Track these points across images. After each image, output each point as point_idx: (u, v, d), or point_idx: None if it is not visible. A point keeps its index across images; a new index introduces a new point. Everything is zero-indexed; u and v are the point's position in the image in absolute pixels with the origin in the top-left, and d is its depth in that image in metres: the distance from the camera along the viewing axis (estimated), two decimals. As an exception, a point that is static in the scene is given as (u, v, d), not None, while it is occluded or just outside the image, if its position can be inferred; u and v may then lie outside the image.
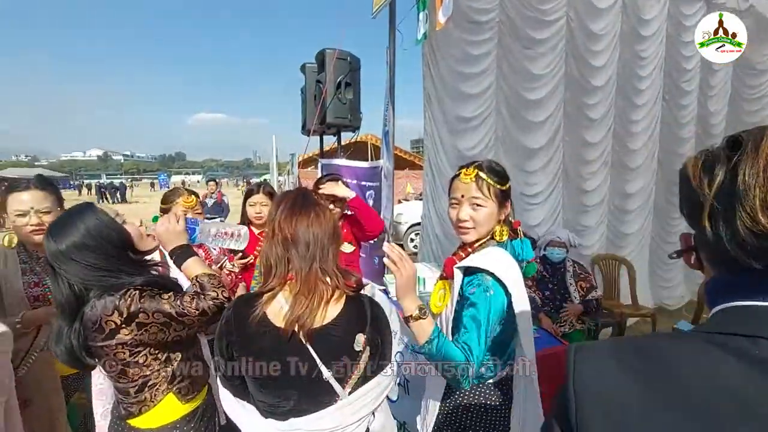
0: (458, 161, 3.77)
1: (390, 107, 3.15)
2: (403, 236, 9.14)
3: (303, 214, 1.12)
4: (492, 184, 1.36)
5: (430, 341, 1.19)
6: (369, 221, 2.54)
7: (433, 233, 3.71)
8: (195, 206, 2.29)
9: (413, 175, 14.99)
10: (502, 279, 1.27)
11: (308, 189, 1.27)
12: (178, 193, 2.30)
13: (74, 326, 1.17)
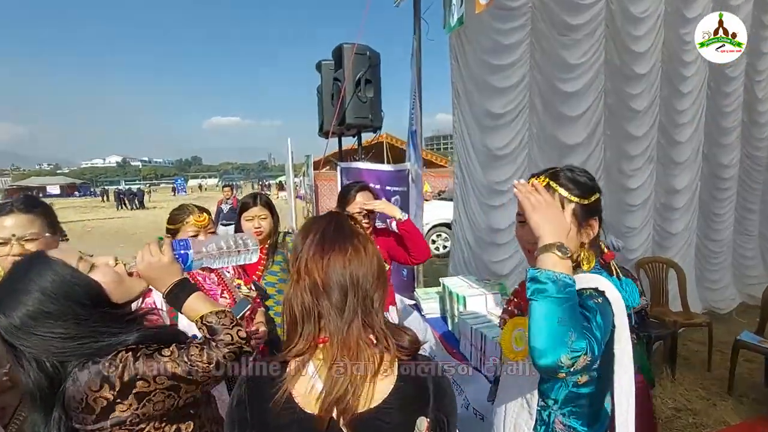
0: (489, 161, 3.52)
1: (417, 104, 2.90)
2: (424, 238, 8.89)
3: (338, 251, 0.87)
4: (568, 197, 1.09)
5: (559, 279, 0.91)
6: (417, 247, 2.28)
7: (464, 240, 3.45)
8: (208, 225, 2.03)
9: (431, 173, 14.68)
10: (610, 299, 1.02)
11: (342, 214, 1.00)
12: (187, 212, 2.00)
13: (53, 415, 0.91)
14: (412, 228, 2.26)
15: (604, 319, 0.97)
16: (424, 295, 2.79)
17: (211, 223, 2.10)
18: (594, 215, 1.12)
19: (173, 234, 2.03)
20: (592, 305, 0.98)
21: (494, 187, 3.54)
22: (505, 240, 3.59)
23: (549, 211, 1.01)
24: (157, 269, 1.06)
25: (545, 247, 0.96)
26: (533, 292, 0.92)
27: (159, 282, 1.07)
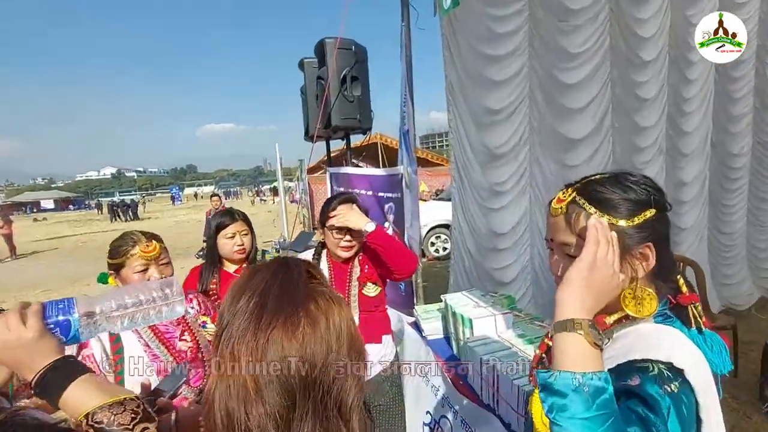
0: (488, 160, 3.21)
1: (408, 101, 2.59)
2: (422, 240, 8.51)
3: (283, 326, 0.57)
4: (599, 214, 0.80)
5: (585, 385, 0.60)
6: (397, 260, 1.92)
7: (464, 247, 3.15)
8: (159, 256, 1.67)
9: (427, 172, 14.31)
10: (694, 384, 0.69)
11: (296, 263, 0.68)
12: (131, 241, 1.64)
13: None
14: (385, 239, 1.90)
15: (683, 425, 0.64)
16: (425, 313, 2.49)
17: (163, 252, 1.75)
18: (650, 239, 0.80)
19: (116, 270, 1.69)
20: (660, 399, 0.64)
21: (494, 189, 3.25)
22: (506, 245, 3.30)
23: (601, 274, 0.71)
24: (17, 349, 0.71)
25: (568, 324, 0.66)
26: (550, 407, 0.62)
27: (22, 367, 0.72)
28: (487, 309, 2.05)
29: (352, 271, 2.07)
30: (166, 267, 1.73)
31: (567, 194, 0.85)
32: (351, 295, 2.03)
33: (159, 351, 1.68)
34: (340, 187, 4.01)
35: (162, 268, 1.71)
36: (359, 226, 1.88)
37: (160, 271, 1.69)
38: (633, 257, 0.79)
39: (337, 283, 2.05)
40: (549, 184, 3.33)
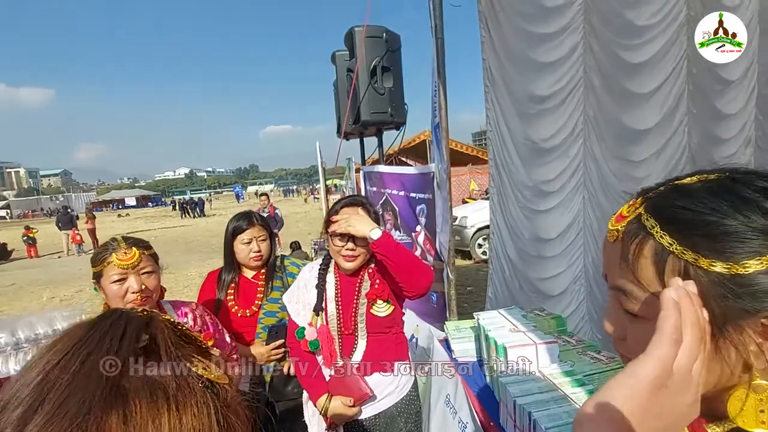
0: (533, 156, 2.75)
1: (440, 89, 2.22)
2: (469, 242, 7.99)
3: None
4: (678, 249, 0.44)
5: None
6: (407, 275, 1.58)
7: (504, 254, 2.72)
8: (138, 265, 1.46)
9: (477, 170, 13.61)
10: None
11: (131, 321, 0.38)
12: (110, 248, 1.46)
13: None
14: (391, 249, 1.55)
15: None
16: (456, 331, 2.10)
17: (147, 260, 1.52)
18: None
19: (98, 279, 1.49)
20: None
21: (540, 188, 2.78)
22: (554, 252, 2.82)
23: (673, 400, 0.39)
24: None
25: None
26: None
27: None
28: (528, 335, 1.64)
29: (361, 285, 1.74)
30: (149, 277, 1.50)
31: (632, 208, 0.48)
32: (358, 314, 1.71)
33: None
34: (373, 186, 3.70)
35: (144, 277, 1.48)
36: (363, 232, 1.56)
37: (140, 281, 1.46)
38: (746, 333, 0.41)
39: (343, 299, 1.74)
40: (607, 183, 2.81)
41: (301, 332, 1.73)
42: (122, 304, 1.44)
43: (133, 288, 1.44)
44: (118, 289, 1.43)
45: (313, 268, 1.83)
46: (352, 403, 1.61)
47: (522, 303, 2.51)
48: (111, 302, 1.46)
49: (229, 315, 2.01)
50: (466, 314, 2.56)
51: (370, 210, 1.73)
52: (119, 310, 0.43)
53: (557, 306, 2.54)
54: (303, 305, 1.77)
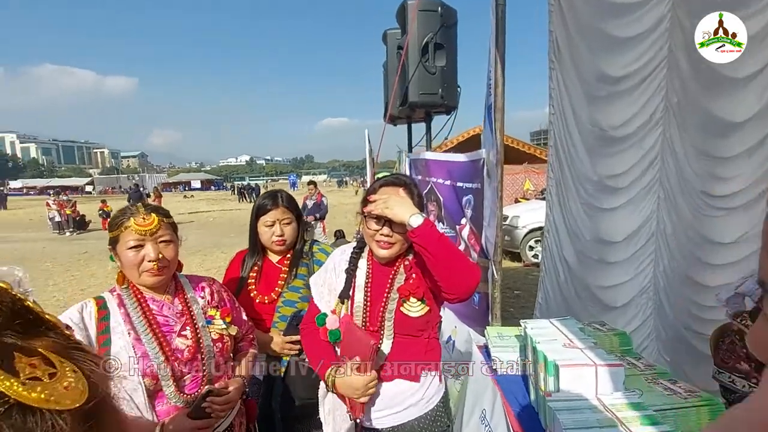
0: (600, 145, 2.37)
1: (497, 64, 1.92)
2: (520, 243, 7.48)
3: None
4: None
5: None
6: (448, 272, 1.31)
7: (559, 255, 2.38)
8: (157, 232, 1.35)
9: (533, 170, 12.80)
10: None
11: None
12: (128, 213, 1.36)
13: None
14: (433, 240, 1.29)
15: None
16: (498, 339, 1.83)
17: (166, 228, 1.41)
18: None
19: (114, 244, 1.38)
20: None
21: (606, 183, 2.40)
22: (620, 257, 2.43)
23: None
24: None
25: None
26: None
27: None
28: (586, 353, 1.34)
29: (394, 278, 1.50)
30: (167, 246, 1.39)
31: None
32: (387, 311, 1.47)
33: (150, 348, 1.33)
34: (419, 175, 3.45)
35: (162, 246, 1.37)
36: (401, 217, 1.31)
37: (157, 249, 1.35)
38: None
39: (373, 290, 1.51)
40: (687, 182, 2.38)
41: (322, 319, 1.52)
42: (137, 274, 1.34)
43: (150, 256, 1.33)
44: (134, 257, 1.33)
45: (345, 251, 1.63)
46: (360, 363, 1.35)
47: (577, 313, 2.18)
48: (126, 270, 1.36)
49: (248, 300, 1.86)
50: (511, 320, 2.27)
51: (414, 192, 1.49)
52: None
53: (619, 320, 2.18)
54: (329, 290, 1.58)
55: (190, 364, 1.39)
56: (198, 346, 1.42)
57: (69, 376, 0.33)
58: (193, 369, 1.40)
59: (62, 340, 0.36)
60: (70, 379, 0.33)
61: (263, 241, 1.89)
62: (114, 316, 1.35)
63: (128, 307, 1.37)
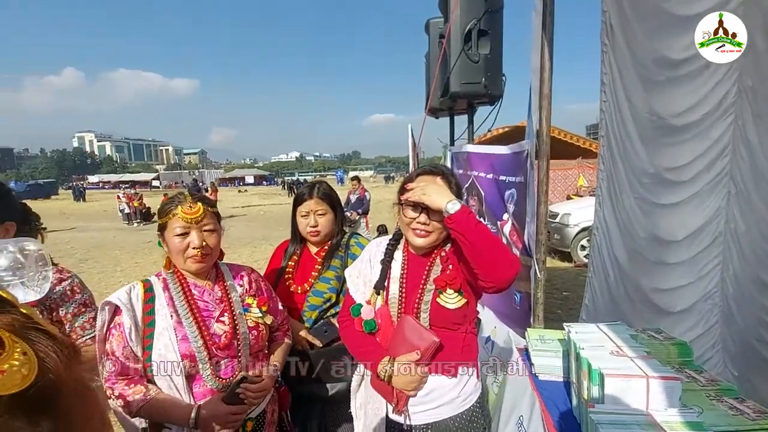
0: (658, 134, 2.14)
1: (544, 46, 1.78)
2: (571, 242, 7.07)
3: None
4: None
5: None
6: (486, 260, 1.25)
7: (610, 254, 2.19)
8: (202, 220, 1.39)
9: (588, 165, 12.08)
10: None
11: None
12: (176, 201, 1.42)
13: None
14: (470, 226, 1.24)
15: None
16: (539, 342, 1.70)
17: (210, 217, 1.44)
18: None
19: (162, 230, 1.43)
20: None
21: (665, 176, 2.16)
22: (680, 257, 2.19)
23: None
24: None
25: None
26: None
27: None
28: (637, 362, 1.21)
29: (431, 269, 1.45)
30: (211, 235, 1.43)
31: None
32: (423, 302, 1.42)
33: (189, 331, 1.36)
34: (460, 169, 3.33)
35: (206, 234, 1.41)
36: (438, 203, 1.28)
37: (201, 237, 1.39)
38: None
39: (408, 281, 1.47)
40: (764, 175, 2.11)
41: (357, 309, 1.50)
42: (182, 260, 1.39)
43: (194, 243, 1.37)
44: (180, 243, 1.37)
45: (381, 243, 1.61)
46: (420, 356, 1.31)
47: (629, 317, 1.99)
48: (172, 256, 1.41)
49: (284, 288, 1.88)
50: (558, 322, 2.12)
51: (451, 181, 1.46)
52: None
53: (677, 327, 1.96)
54: (364, 281, 1.56)
55: (227, 350, 1.41)
56: (234, 333, 1.44)
57: (15, 358, 0.30)
58: (229, 354, 1.42)
59: (22, 318, 0.33)
60: (15, 361, 0.30)
61: (300, 231, 1.91)
62: (159, 299, 1.40)
63: (172, 291, 1.41)
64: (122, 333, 1.32)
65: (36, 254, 0.74)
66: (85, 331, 1.45)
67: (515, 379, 1.75)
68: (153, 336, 1.36)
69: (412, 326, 1.36)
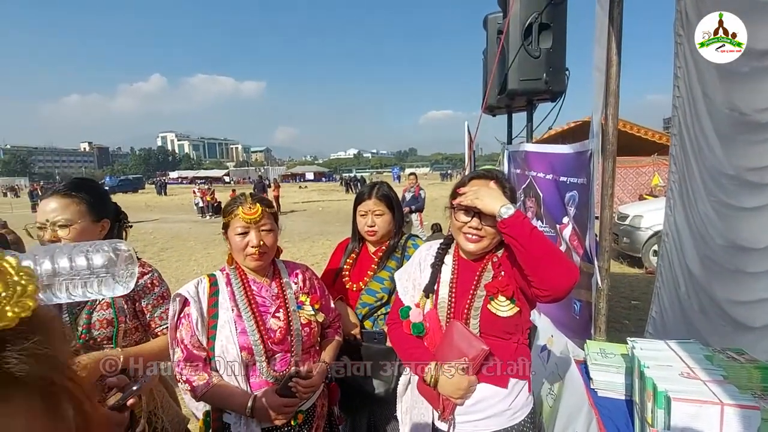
0: (738, 132, 1.88)
1: (611, 39, 1.65)
2: (642, 247, 6.48)
3: None
4: None
5: None
6: (541, 267, 1.19)
7: (681, 262, 1.98)
8: (260, 220, 1.46)
9: (664, 162, 11.01)
10: None
11: None
12: (237, 202, 1.50)
13: None
14: (524, 231, 1.19)
15: None
16: (599, 356, 1.60)
17: (268, 218, 1.50)
18: None
19: (225, 228, 1.51)
20: None
21: (746, 177, 1.89)
22: (763, 267, 1.90)
23: None
24: None
25: None
26: None
27: None
28: (710, 386, 1.09)
29: (482, 275, 1.41)
30: (268, 234, 1.50)
31: None
32: (473, 308, 1.38)
33: (248, 325, 1.44)
34: (517, 169, 3.20)
35: (263, 234, 1.48)
36: (491, 208, 1.24)
37: (259, 236, 1.46)
38: None
39: (458, 286, 1.44)
40: None
41: (405, 312, 1.50)
42: (242, 257, 1.47)
43: (252, 242, 1.44)
44: (240, 241, 1.45)
45: (431, 247, 1.59)
46: (468, 364, 1.28)
47: (701, 332, 1.79)
48: (234, 253, 1.50)
49: (341, 285, 1.92)
50: (626, 333, 1.96)
51: (505, 186, 1.41)
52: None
53: (758, 345, 1.73)
54: (413, 284, 1.55)
55: (281, 344, 1.47)
56: (288, 329, 1.49)
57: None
58: (283, 349, 1.48)
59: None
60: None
61: (359, 229, 1.94)
62: (222, 294, 1.48)
63: (234, 286, 1.50)
64: (190, 323, 1.42)
65: (126, 254, 0.82)
66: (162, 321, 1.57)
67: (572, 393, 1.66)
68: (216, 327, 1.44)
69: (461, 332, 1.33)
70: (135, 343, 1.52)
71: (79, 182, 1.51)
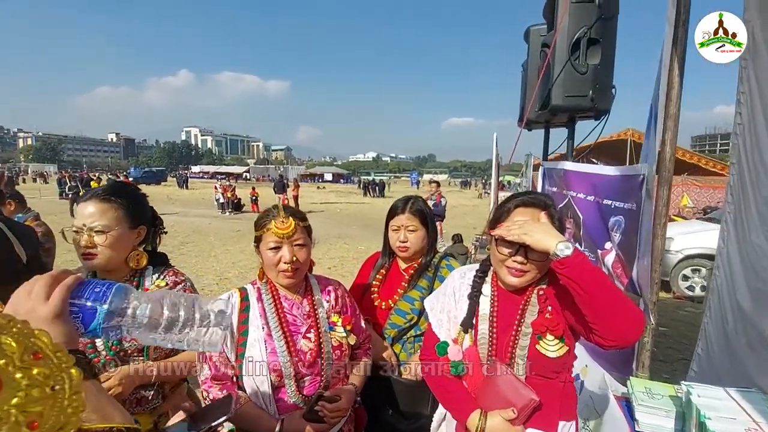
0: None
1: (674, 60, 1.55)
2: (671, 271, 6.25)
3: None
4: None
5: None
6: (605, 316, 1.09)
7: (731, 298, 1.85)
8: (293, 235, 1.39)
9: (694, 182, 10.61)
10: None
11: None
12: (270, 215, 1.43)
13: None
14: (585, 274, 1.07)
15: None
16: (646, 396, 1.49)
17: (301, 232, 1.43)
18: None
19: (258, 241, 1.46)
20: None
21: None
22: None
23: None
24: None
25: None
26: None
27: None
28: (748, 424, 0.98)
29: (525, 309, 1.30)
30: (301, 249, 1.43)
31: None
32: (518, 347, 1.27)
33: (278, 345, 1.38)
34: (553, 186, 3.09)
35: (296, 249, 1.41)
36: (545, 245, 1.11)
37: (292, 252, 1.39)
38: None
39: (499, 321, 1.33)
40: None
41: (443, 348, 1.38)
42: (275, 273, 1.41)
43: (285, 258, 1.38)
44: (273, 257, 1.39)
45: (465, 275, 1.46)
46: (516, 414, 1.18)
47: (750, 371, 1.67)
48: (266, 268, 1.44)
49: (369, 302, 1.85)
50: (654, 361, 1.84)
51: (555, 216, 1.27)
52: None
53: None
54: (448, 316, 1.43)
55: (311, 367, 1.40)
56: (319, 351, 1.42)
57: None
58: (313, 372, 1.41)
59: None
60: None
61: (391, 244, 1.86)
62: (253, 310, 1.42)
63: (265, 302, 1.43)
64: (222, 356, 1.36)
65: (225, 317, 0.83)
66: None
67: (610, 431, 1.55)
68: (246, 345, 1.38)
69: (508, 380, 1.23)
70: (165, 355, 1.48)
71: (119, 187, 1.49)
